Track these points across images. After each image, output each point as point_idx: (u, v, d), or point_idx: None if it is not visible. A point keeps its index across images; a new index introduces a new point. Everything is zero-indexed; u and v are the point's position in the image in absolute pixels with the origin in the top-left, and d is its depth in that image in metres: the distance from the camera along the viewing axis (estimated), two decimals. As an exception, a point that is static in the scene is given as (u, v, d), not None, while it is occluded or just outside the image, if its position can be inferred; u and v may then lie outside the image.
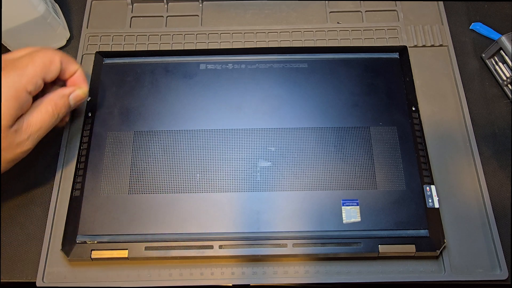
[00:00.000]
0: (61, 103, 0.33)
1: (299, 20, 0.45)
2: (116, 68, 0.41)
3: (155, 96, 0.39)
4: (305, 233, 0.34)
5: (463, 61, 0.43)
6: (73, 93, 0.34)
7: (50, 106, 0.32)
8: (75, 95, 0.34)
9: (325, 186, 0.35)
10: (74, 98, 0.34)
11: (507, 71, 0.41)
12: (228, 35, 0.44)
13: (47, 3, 0.41)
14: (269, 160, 0.36)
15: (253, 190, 0.35)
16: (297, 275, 0.34)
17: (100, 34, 0.44)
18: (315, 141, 0.37)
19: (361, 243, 0.33)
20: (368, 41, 0.43)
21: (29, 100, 0.30)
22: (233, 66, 0.40)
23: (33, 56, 0.31)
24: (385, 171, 0.36)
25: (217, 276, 0.34)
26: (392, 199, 0.35)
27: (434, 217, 0.34)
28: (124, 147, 0.37)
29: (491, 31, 0.44)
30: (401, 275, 0.34)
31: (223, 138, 0.37)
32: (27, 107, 0.30)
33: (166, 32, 0.44)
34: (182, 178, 0.36)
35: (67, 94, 0.33)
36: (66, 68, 0.33)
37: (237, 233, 0.34)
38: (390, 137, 0.37)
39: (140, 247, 0.33)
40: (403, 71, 0.40)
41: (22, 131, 0.30)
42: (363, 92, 0.39)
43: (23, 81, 0.29)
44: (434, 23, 0.44)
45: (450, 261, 0.34)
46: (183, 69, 0.40)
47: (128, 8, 0.46)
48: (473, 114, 0.40)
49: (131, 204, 0.35)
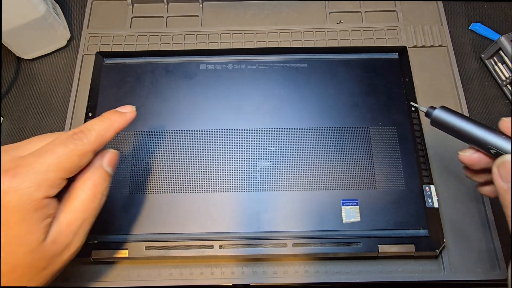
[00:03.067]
0: (99, 178, 0.26)
1: (299, 20, 0.45)
2: (117, 69, 0.41)
3: (155, 96, 0.39)
4: (305, 233, 0.34)
5: (462, 62, 0.43)
6: (105, 158, 0.27)
7: (88, 188, 0.25)
8: (109, 160, 0.27)
9: (325, 186, 0.35)
10: (110, 164, 0.27)
11: (507, 71, 0.41)
12: (228, 36, 0.44)
13: (47, 3, 0.41)
14: (269, 160, 0.36)
15: (253, 190, 0.35)
16: (297, 275, 0.34)
17: (100, 35, 0.44)
18: (315, 141, 0.37)
19: (361, 243, 0.33)
20: (367, 41, 0.43)
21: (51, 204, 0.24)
22: (233, 66, 0.41)
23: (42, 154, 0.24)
24: (384, 171, 0.36)
25: (217, 275, 0.34)
26: (392, 199, 0.35)
27: (434, 217, 0.34)
28: (124, 147, 0.37)
29: (491, 31, 0.44)
30: (400, 275, 0.34)
31: (223, 138, 0.37)
32: (54, 208, 0.24)
33: (166, 33, 0.44)
34: (182, 178, 0.36)
35: (101, 165, 0.26)
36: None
37: (237, 233, 0.34)
38: (390, 137, 0.37)
39: (140, 247, 0.33)
40: (402, 71, 0.40)
41: (63, 236, 0.24)
42: (363, 92, 0.39)
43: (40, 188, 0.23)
44: (433, 24, 0.44)
45: (450, 260, 0.34)
46: (183, 69, 0.40)
47: (129, 8, 0.46)
48: (472, 115, 0.40)
49: (131, 204, 0.35)
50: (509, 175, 0.22)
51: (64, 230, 0.24)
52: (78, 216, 0.25)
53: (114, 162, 0.27)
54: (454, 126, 0.26)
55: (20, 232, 0.23)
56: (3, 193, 0.22)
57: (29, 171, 0.23)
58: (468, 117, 0.26)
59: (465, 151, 0.27)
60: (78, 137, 0.25)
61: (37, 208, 0.23)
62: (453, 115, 0.27)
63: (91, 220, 0.26)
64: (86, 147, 0.25)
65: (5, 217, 0.22)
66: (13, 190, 0.22)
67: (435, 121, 0.27)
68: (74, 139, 0.25)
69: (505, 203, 0.22)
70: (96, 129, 0.26)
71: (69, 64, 0.43)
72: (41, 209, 0.23)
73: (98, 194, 0.26)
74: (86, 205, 0.25)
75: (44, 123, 0.41)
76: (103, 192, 0.26)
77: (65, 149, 0.24)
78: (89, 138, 0.25)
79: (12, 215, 0.22)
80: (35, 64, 0.44)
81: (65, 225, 0.25)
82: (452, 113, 0.27)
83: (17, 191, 0.22)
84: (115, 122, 0.27)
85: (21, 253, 0.23)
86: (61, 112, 0.41)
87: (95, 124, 0.27)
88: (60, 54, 0.44)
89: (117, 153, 0.28)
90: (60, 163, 0.24)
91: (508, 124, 0.24)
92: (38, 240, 0.23)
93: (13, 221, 0.22)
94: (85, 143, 0.25)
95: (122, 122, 0.28)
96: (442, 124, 0.27)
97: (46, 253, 0.24)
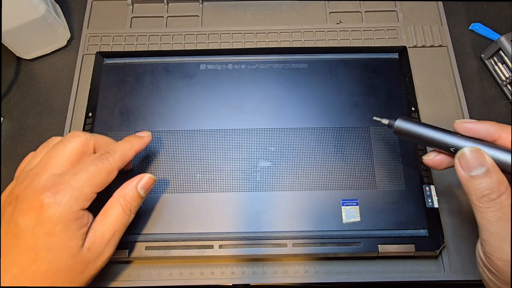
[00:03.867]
0: (131, 198, 0.30)
1: (299, 20, 0.45)
2: (117, 68, 0.41)
3: (156, 96, 0.39)
4: (305, 233, 0.34)
5: (462, 62, 0.43)
6: (140, 182, 0.30)
7: (120, 205, 0.29)
8: (144, 184, 0.30)
9: (325, 186, 0.35)
10: (143, 187, 0.30)
11: (506, 71, 0.41)
12: (228, 36, 0.44)
13: (47, 3, 0.41)
14: (269, 160, 0.36)
15: (253, 190, 0.35)
16: (297, 275, 0.34)
17: (100, 35, 0.44)
18: (315, 141, 0.37)
19: (361, 243, 0.33)
20: (367, 41, 0.43)
21: (85, 215, 0.28)
22: (233, 66, 0.41)
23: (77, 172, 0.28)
24: (384, 171, 0.36)
25: (217, 275, 0.34)
26: (392, 199, 0.35)
27: (434, 217, 0.34)
28: (125, 147, 0.37)
29: (490, 31, 0.44)
30: (400, 275, 0.34)
31: (223, 138, 0.37)
32: (88, 219, 0.28)
33: (166, 33, 0.44)
34: (182, 178, 0.36)
35: (135, 186, 0.30)
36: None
37: (237, 233, 0.34)
38: (390, 137, 0.37)
39: (140, 247, 0.33)
40: (402, 71, 0.40)
41: (97, 245, 0.28)
42: (363, 92, 0.39)
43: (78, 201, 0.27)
44: (433, 24, 0.44)
45: (450, 261, 0.34)
46: (183, 69, 0.40)
47: (129, 8, 0.46)
48: (472, 115, 0.40)
49: (131, 204, 0.35)
50: (468, 164, 0.25)
51: (98, 240, 0.28)
52: (110, 228, 0.29)
53: (149, 186, 0.31)
54: (415, 133, 0.29)
55: (64, 239, 0.26)
56: (47, 207, 0.26)
57: (68, 187, 0.27)
58: (427, 124, 0.29)
59: (428, 155, 0.29)
60: (105, 157, 0.29)
61: (75, 218, 0.27)
62: (413, 123, 0.29)
63: (121, 232, 0.30)
64: (112, 165, 0.29)
65: (51, 227, 0.26)
66: (57, 204, 0.26)
67: (397, 131, 0.30)
68: (102, 159, 0.29)
69: (468, 191, 0.25)
70: (120, 149, 0.30)
71: (69, 64, 0.43)
72: (79, 219, 0.27)
73: (127, 211, 0.29)
74: (117, 220, 0.29)
75: (44, 123, 0.41)
76: (132, 210, 0.30)
77: (96, 168, 0.28)
78: (114, 157, 0.30)
79: (56, 225, 0.26)
80: (35, 64, 0.44)
81: (99, 235, 0.28)
82: (411, 122, 0.29)
83: (60, 205, 0.26)
84: (135, 144, 0.32)
85: (64, 257, 0.27)
86: (61, 112, 0.41)
87: (119, 146, 0.31)
88: (60, 54, 0.44)
89: (153, 178, 0.31)
90: (92, 179, 0.28)
91: (461, 125, 0.27)
92: (77, 246, 0.27)
93: (57, 230, 0.26)
94: (111, 162, 0.29)
95: (141, 144, 0.32)
96: (404, 133, 0.29)
97: (83, 258, 0.27)
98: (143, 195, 0.31)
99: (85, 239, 0.28)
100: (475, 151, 0.25)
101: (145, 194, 0.31)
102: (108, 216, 0.29)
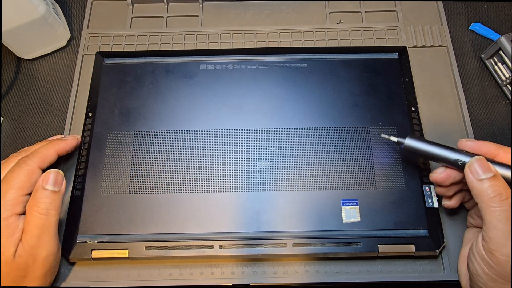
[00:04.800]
0: (40, 198, 0.30)
1: (299, 20, 0.45)
2: (117, 69, 0.41)
3: (156, 96, 0.39)
4: (305, 233, 0.34)
5: (462, 62, 0.43)
6: (44, 179, 0.31)
7: (33, 211, 0.30)
8: (44, 179, 0.31)
9: (325, 186, 0.35)
10: (50, 183, 0.31)
11: (506, 71, 0.41)
12: (228, 36, 0.44)
13: (47, 3, 0.41)
14: (269, 160, 0.36)
15: (253, 190, 0.35)
16: (297, 275, 0.34)
17: (100, 35, 0.44)
18: (315, 141, 0.37)
19: (361, 243, 0.33)
20: (367, 41, 0.43)
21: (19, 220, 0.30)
22: (233, 67, 0.41)
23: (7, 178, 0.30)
24: (384, 171, 0.36)
25: (217, 275, 0.34)
26: (392, 199, 0.35)
27: (434, 217, 0.34)
28: (125, 147, 0.37)
29: (490, 31, 0.44)
30: (400, 275, 0.34)
31: (223, 138, 0.37)
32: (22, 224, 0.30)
33: (167, 33, 0.44)
34: (182, 178, 0.36)
35: (40, 186, 0.30)
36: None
37: (237, 233, 0.34)
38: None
39: (140, 247, 0.33)
40: (402, 71, 0.40)
41: (26, 252, 0.29)
42: (363, 92, 0.39)
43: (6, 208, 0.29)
44: (433, 24, 0.44)
45: (450, 261, 0.34)
46: (183, 69, 0.40)
47: (129, 8, 0.46)
48: (472, 115, 0.40)
49: (131, 204, 0.35)
50: (477, 170, 0.28)
51: (26, 247, 0.29)
52: (34, 231, 0.29)
53: (54, 180, 0.31)
54: (425, 151, 0.31)
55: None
56: None
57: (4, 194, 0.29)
58: (433, 142, 0.32)
59: (435, 172, 0.31)
60: (23, 161, 0.31)
61: (6, 225, 0.29)
62: (422, 142, 0.32)
63: (48, 232, 0.30)
64: (31, 166, 0.31)
65: None
66: None
67: (407, 149, 0.32)
68: (19, 163, 0.31)
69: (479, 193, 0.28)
70: (38, 150, 0.32)
71: (69, 64, 0.43)
72: (9, 226, 0.29)
73: (44, 212, 0.30)
74: (37, 224, 0.30)
75: (44, 123, 0.41)
76: (50, 207, 0.30)
77: (13, 174, 0.30)
78: (32, 159, 0.31)
79: None
80: (35, 64, 0.44)
81: (24, 242, 0.29)
82: (420, 141, 0.32)
83: None
84: (55, 144, 0.34)
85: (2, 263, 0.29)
86: (61, 112, 0.41)
87: (36, 146, 0.33)
88: (60, 54, 0.44)
89: (55, 171, 0.31)
90: (16, 183, 0.30)
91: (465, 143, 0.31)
92: (9, 252, 0.29)
93: None
94: (29, 164, 0.31)
95: (63, 144, 0.34)
96: (413, 151, 0.32)
97: (19, 266, 0.29)
98: (55, 189, 0.31)
99: (18, 244, 0.29)
100: (481, 160, 0.29)
101: (58, 187, 0.31)
102: (28, 224, 0.29)
